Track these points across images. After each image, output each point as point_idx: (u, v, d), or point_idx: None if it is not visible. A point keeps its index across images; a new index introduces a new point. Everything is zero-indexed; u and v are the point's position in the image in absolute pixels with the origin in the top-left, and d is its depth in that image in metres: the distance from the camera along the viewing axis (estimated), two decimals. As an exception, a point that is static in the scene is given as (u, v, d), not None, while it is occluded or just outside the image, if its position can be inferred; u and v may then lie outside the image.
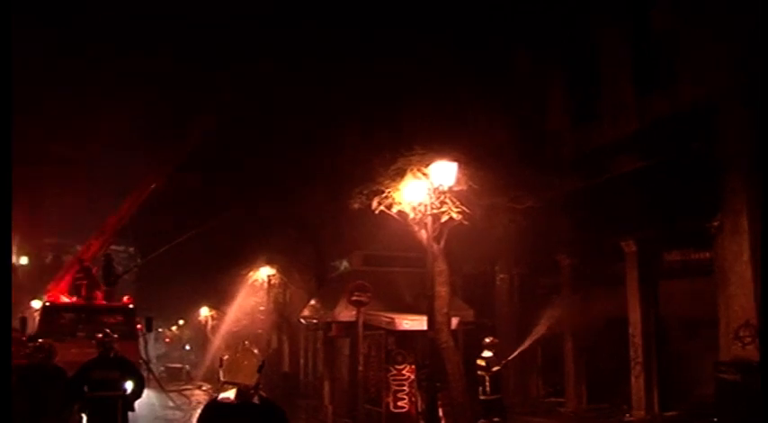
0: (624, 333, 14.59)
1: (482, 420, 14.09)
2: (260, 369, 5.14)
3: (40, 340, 11.37)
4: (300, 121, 20.82)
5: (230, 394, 5.10)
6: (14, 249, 42.09)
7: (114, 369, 10.28)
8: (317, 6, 19.15)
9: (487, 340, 14.37)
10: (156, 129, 28.91)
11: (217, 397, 5.19)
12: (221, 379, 5.14)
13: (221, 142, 25.10)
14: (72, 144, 34.32)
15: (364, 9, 17.78)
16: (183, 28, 23.01)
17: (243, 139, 24.26)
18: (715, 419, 11.66)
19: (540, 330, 14.91)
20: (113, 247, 29.71)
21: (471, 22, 16.48)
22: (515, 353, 14.98)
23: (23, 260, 44.75)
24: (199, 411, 5.28)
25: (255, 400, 5.13)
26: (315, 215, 22.51)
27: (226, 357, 5.19)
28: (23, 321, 20.95)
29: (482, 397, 14.04)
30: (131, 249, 47.37)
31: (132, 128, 31.34)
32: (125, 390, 10.32)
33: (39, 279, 35.42)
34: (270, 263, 26.49)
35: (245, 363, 5.11)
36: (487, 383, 13.94)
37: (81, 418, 10.57)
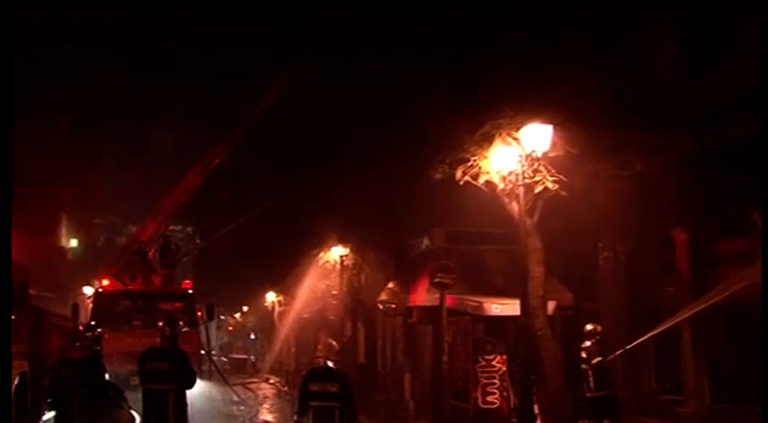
0: (756, 321, 14.13)
1: (586, 420, 13.94)
2: (336, 352, 9.85)
3: (99, 330, 11.77)
4: (374, 83, 20.87)
5: (321, 362, 9.70)
6: (63, 231, 43.59)
7: (166, 360, 10.47)
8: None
9: (589, 328, 14.17)
10: (219, 99, 29.54)
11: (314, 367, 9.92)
12: (316, 355, 9.90)
13: (288, 113, 25.43)
14: (126, 117, 35.31)
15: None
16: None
17: (311, 109, 24.51)
18: None
19: (664, 324, 14.50)
20: (171, 227, 30.45)
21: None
22: (629, 346, 14.67)
23: (73, 242, 46.18)
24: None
25: (334, 366, 9.66)
26: (391, 188, 22.55)
27: (320, 346, 9.85)
28: (75, 309, 21.66)
29: (588, 394, 13.88)
30: (190, 230, 48.41)
31: (193, 99, 32.13)
32: (177, 383, 10.51)
33: (90, 263, 36.61)
34: (342, 242, 26.67)
35: (328, 348, 9.79)
36: (591, 378, 13.77)
37: (132, 416, 10.94)
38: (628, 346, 14.51)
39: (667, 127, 15.04)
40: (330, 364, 9.68)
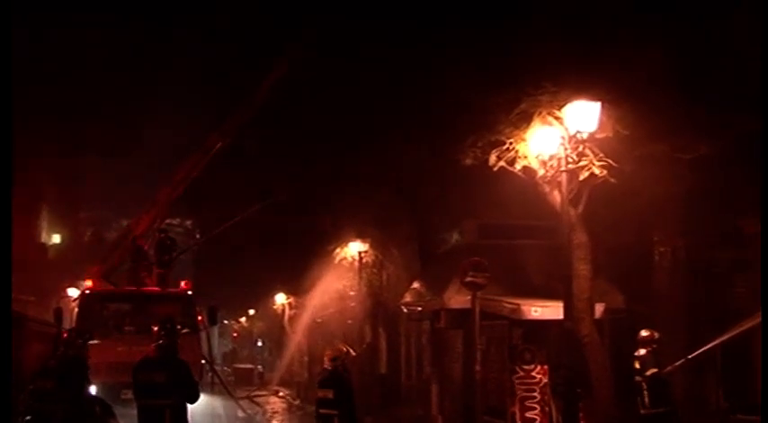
0: None
1: None
2: (339, 357, 11.41)
3: (86, 336, 11.79)
4: (394, 53, 20.83)
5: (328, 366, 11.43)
6: (44, 226, 43.73)
7: (160, 370, 10.43)
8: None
9: (644, 334, 14.09)
10: (218, 80, 29.74)
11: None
12: (324, 364, 11.50)
13: (298, 95, 25.52)
14: (115, 98, 35.47)
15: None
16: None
17: (323, 90, 24.56)
18: None
19: (733, 330, 14.32)
20: (168, 221, 30.57)
21: None
22: (692, 355, 14.55)
23: (56, 238, 46.29)
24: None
25: (338, 369, 11.28)
26: (416, 175, 22.55)
27: (328, 352, 11.63)
28: (58, 314, 21.75)
29: (642, 410, 13.80)
30: (188, 223, 48.64)
31: (189, 79, 32.33)
32: (175, 397, 10.45)
33: (75, 261, 36.77)
34: (361, 236, 26.77)
35: (333, 352, 11.53)
36: (646, 392, 13.69)
37: None
38: (690, 356, 14.37)
39: (734, 103, 14.90)
40: (332, 368, 11.19)
